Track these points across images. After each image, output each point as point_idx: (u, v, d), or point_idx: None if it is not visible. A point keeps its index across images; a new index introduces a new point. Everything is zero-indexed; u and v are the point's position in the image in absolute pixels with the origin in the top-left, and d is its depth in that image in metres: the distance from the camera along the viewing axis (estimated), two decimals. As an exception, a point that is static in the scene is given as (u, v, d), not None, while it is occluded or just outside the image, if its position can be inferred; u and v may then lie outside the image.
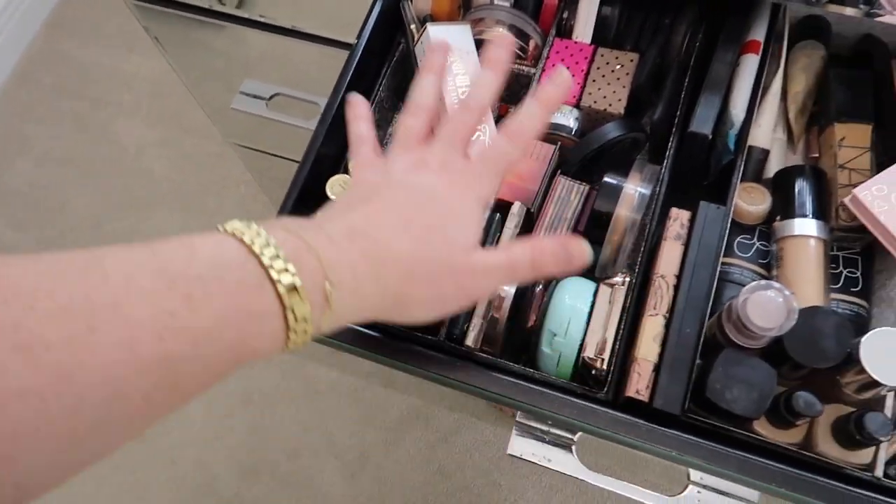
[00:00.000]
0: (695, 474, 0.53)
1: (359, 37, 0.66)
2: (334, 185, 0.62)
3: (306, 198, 0.61)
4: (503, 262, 0.40)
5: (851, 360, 0.50)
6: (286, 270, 0.31)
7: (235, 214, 1.74)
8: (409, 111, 0.44)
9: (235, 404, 1.47)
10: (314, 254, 0.33)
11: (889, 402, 0.53)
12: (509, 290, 0.58)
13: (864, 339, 0.50)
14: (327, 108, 0.63)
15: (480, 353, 0.56)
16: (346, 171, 0.64)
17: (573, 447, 0.56)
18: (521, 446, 0.56)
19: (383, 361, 0.53)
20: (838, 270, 0.62)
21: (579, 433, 0.56)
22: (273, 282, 0.31)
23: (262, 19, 0.91)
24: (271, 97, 1.05)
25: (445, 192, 0.40)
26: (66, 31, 1.91)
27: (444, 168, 0.41)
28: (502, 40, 0.45)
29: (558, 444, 0.56)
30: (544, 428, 0.56)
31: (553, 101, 0.43)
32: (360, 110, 0.46)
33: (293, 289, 0.31)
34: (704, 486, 0.53)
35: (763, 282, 0.51)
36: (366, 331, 0.54)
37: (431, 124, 0.44)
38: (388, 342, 0.53)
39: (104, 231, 1.65)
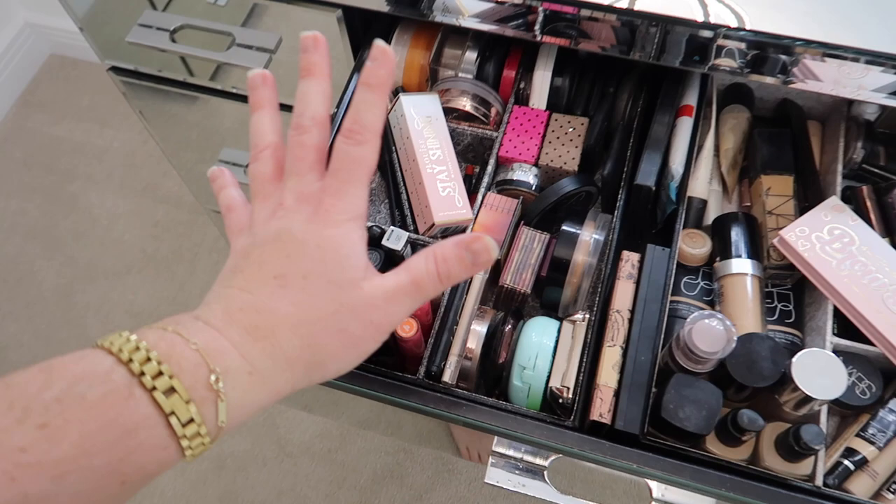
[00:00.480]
0: (656, 492, 0.58)
1: (337, 106, 0.73)
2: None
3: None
4: (406, 283, 0.37)
5: (786, 379, 0.57)
6: (160, 374, 0.29)
7: (207, 281, 1.76)
8: (252, 157, 0.40)
9: (208, 470, 1.46)
10: (192, 347, 0.31)
11: (823, 417, 0.59)
12: (480, 330, 0.64)
13: (795, 359, 0.56)
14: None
15: (457, 389, 0.60)
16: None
17: (545, 473, 0.60)
18: (496, 475, 0.60)
19: (374, 396, 0.57)
20: (773, 305, 0.70)
21: (550, 459, 0.60)
22: (146, 388, 0.28)
23: (234, 90, 0.98)
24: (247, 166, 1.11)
25: (310, 228, 0.36)
26: (39, 108, 1.96)
27: (300, 201, 0.37)
28: (312, 40, 0.39)
29: (531, 470, 0.60)
30: (518, 456, 0.61)
31: (384, 81, 0.37)
32: (223, 180, 0.43)
33: (171, 391, 0.29)
34: (665, 503, 0.57)
35: (706, 311, 0.58)
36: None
37: (280, 162, 0.40)
38: (375, 379, 0.58)
39: (75, 301, 1.66)
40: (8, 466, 0.25)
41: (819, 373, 0.56)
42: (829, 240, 0.64)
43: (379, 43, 0.37)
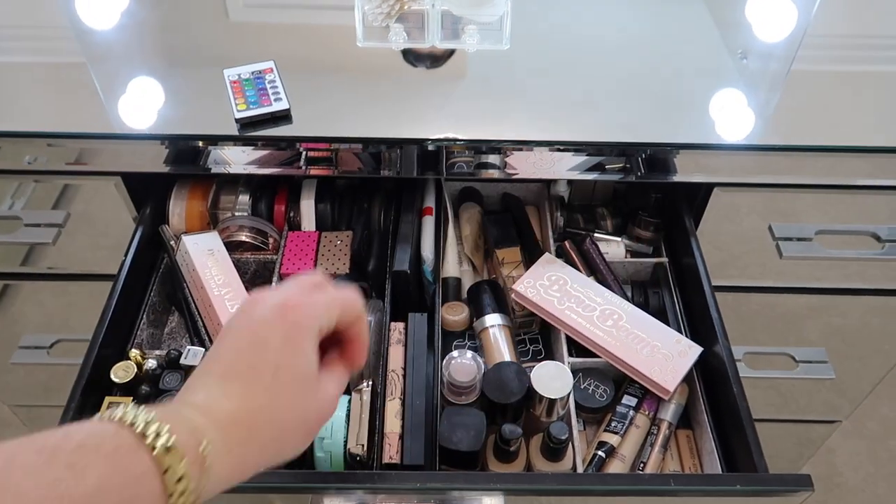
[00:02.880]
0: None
1: (121, 268, 0.81)
2: (118, 370, 0.72)
3: (92, 387, 0.71)
4: (342, 389, 0.44)
5: (532, 392, 0.70)
6: (158, 434, 0.33)
7: None
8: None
9: None
10: (184, 419, 0.35)
11: (573, 419, 0.73)
12: (282, 418, 0.71)
13: (532, 373, 0.70)
14: (102, 315, 0.76)
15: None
16: (128, 358, 0.75)
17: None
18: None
19: None
20: (527, 348, 0.84)
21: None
22: (147, 445, 0.33)
23: (50, 271, 1.02)
24: (52, 344, 1.12)
25: (275, 328, 0.40)
26: None
27: (280, 298, 0.42)
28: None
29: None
30: (331, 519, 0.67)
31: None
32: None
33: (168, 449, 0.33)
34: (464, 525, 0.66)
35: (456, 352, 0.71)
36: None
37: None
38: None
39: None
40: (47, 493, 0.29)
41: (552, 378, 0.70)
42: (548, 285, 0.81)
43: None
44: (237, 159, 0.83)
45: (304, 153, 0.82)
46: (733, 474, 0.65)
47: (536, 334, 0.86)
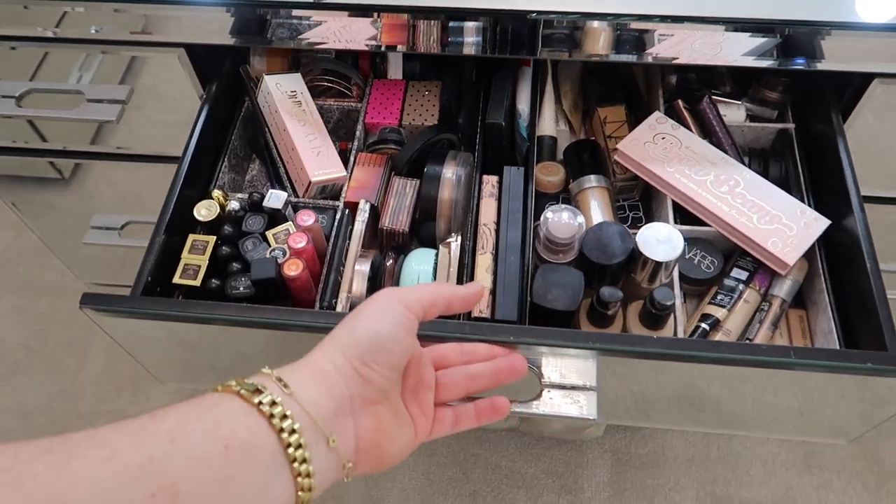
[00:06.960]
0: (544, 377, 0.62)
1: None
2: (201, 208, 0.70)
3: (177, 224, 0.69)
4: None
5: (635, 255, 0.64)
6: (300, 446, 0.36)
7: (102, 367, 1.62)
8: None
9: None
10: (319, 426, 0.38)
11: (676, 289, 0.67)
12: (364, 268, 0.68)
13: (638, 233, 0.64)
14: (185, 152, 0.73)
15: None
16: (210, 198, 0.72)
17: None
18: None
19: (283, 325, 0.59)
20: (626, 214, 0.78)
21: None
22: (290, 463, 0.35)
23: (119, 150, 0.99)
24: (123, 226, 1.10)
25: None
26: None
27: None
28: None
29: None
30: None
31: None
32: None
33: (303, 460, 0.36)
34: (552, 386, 0.62)
35: (555, 206, 0.65)
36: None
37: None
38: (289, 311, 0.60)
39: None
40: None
41: (659, 241, 0.63)
42: (657, 146, 0.74)
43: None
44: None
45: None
46: (864, 351, 0.58)
47: (637, 201, 0.79)
